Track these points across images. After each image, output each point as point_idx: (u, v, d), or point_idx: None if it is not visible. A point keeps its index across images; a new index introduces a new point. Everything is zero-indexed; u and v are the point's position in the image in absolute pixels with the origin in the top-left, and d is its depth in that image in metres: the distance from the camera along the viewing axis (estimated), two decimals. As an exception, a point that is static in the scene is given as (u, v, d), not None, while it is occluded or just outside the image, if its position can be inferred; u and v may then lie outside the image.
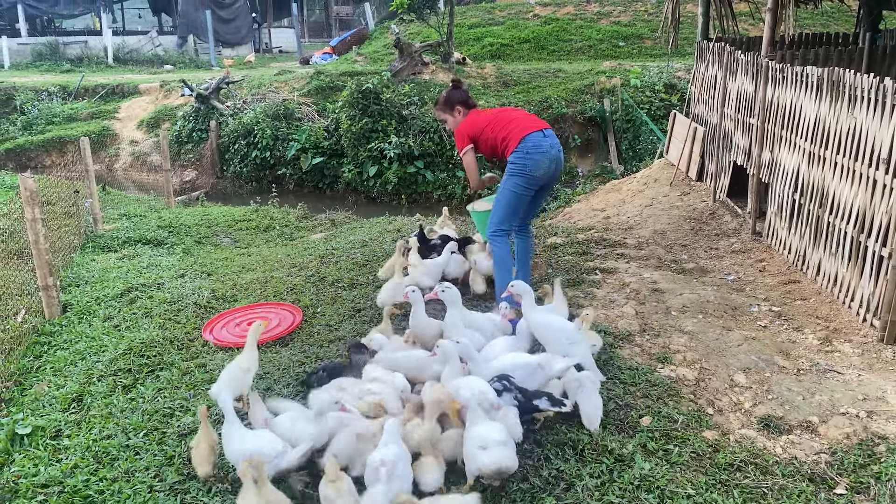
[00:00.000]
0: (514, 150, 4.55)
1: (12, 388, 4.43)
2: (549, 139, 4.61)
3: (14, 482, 3.21)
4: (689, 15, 18.26)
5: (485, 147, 4.77)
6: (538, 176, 4.57)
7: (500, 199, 4.69)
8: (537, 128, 4.60)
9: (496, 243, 4.70)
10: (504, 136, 4.61)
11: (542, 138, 4.57)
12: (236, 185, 15.14)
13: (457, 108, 4.92)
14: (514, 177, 4.57)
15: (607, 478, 3.08)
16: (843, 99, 4.95)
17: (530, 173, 4.54)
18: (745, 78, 6.95)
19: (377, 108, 13.88)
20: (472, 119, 4.82)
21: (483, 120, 4.75)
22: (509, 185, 4.61)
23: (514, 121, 4.66)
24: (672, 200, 8.02)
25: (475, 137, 4.75)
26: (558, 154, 4.64)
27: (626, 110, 14.33)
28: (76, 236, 7.63)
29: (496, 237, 4.69)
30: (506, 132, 4.62)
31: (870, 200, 4.59)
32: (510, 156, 4.57)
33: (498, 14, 24.00)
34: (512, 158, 4.56)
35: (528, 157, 4.52)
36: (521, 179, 4.56)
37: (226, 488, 3.04)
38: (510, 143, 4.57)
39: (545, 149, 4.55)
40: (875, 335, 4.43)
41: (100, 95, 18.97)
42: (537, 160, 4.52)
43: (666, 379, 3.91)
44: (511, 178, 4.59)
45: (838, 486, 3.06)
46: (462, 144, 4.76)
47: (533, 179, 4.57)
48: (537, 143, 4.54)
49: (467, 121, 4.82)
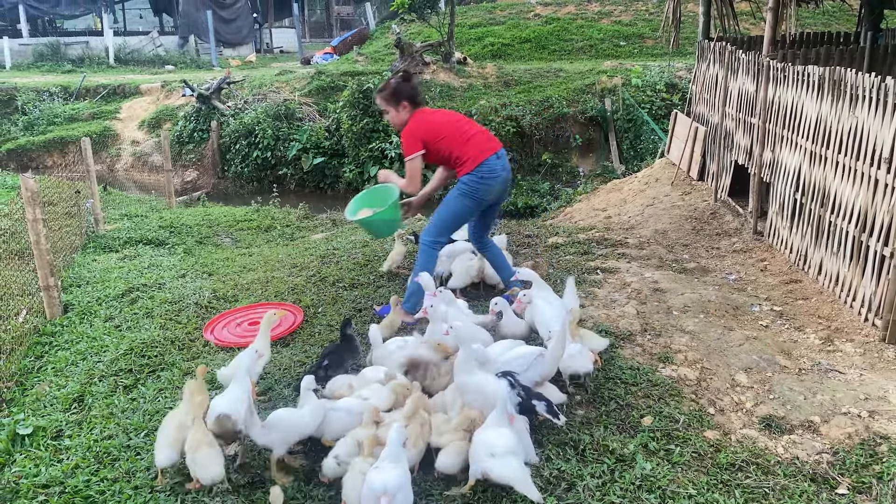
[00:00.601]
0: (468, 172, 4.49)
1: (13, 389, 4.43)
2: (502, 161, 4.60)
3: (15, 482, 3.21)
4: (691, 14, 18.27)
5: (434, 156, 4.62)
6: (488, 199, 4.60)
7: (444, 213, 4.62)
8: (493, 150, 4.56)
9: (427, 254, 4.61)
10: (459, 155, 4.53)
11: (496, 161, 4.55)
12: (237, 186, 15.14)
13: (403, 102, 4.60)
14: (464, 197, 4.54)
15: (608, 478, 3.07)
16: (845, 98, 4.94)
17: (481, 197, 4.55)
18: (747, 77, 6.94)
19: (378, 108, 13.87)
20: (426, 123, 4.59)
21: (439, 127, 4.57)
22: (457, 204, 4.56)
23: (473, 140, 4.56)
24: (673, 200, 8.01)
25: (428, 144, 4.55)
26: (508, 175, 4.66)
27: (628, 110, 14.32)
28: (77, 236, 7.63)
29: (431, 248, 4.62)
30: (461, 150, 4.52)
31: (871, 200, 4.58)
32: (464, 176, 4.51)
33: (499, 14, 24.00)
34: (465, 180, 4.51)
35: (481, 182, 4.50)
36: (470, 201, 4.55)
37: (226, 489, 3.04)
38: (466, 164, 4.50)
39: (498, 173, 4.55)
40: (877, 335, 4.42)
41: (101, 96, 18.98)
42: (489, 185, 4.53)
43: (667, 379, 3.90)
44: (461, 197, 4.54)
45: (840, 486, 3.06)
46: (414, 149, 4.52)
47: (482, 202, 4.61)
48: (492, 168, 4.52)
49: (423, 125, 4.57)
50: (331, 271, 5.88)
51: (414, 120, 4.60)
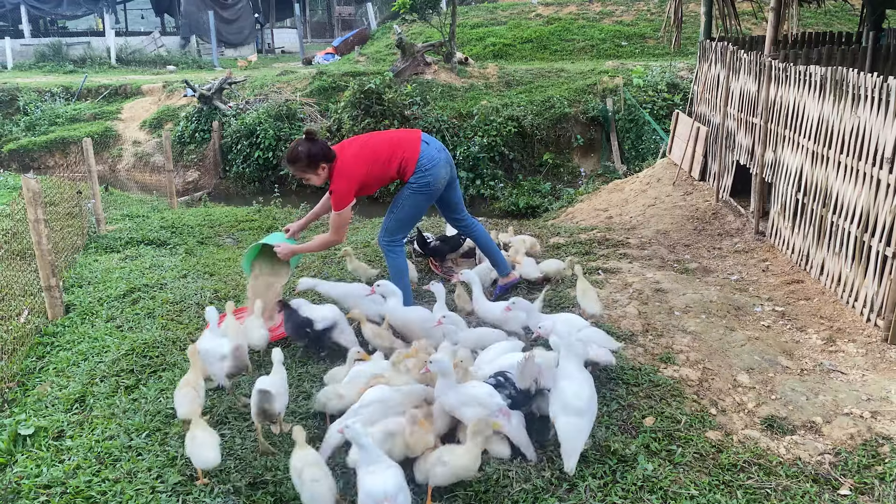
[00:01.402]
0: (413, 174, 4.48)
1: (15, 389, 4.43)
2: (433, 145, 4.59)
3: (17, 483, 3.21)
4: (692, 14, 18.28)
5: (374, 185, 4.53)
6: (440, 187, 4.59)
7: (399, 214, 4.59)
8: (418, 141, 4.53)
9: (394, 253, 4.62)
10: (399, 164, 4.47)
11: (427, 148, 4.53)
12: (239, 186, 15.15)
13: (321, 165, 4.37)
14: (417, 195, 4.53)
15: (610, 478, 3.07)
16: (847, 98, 4.93)
17: (435, 187, 4.55)
18: (748, 77, 6.93)
19: (379, 109, 13.89)
20: (348, 168, 4.39)
21: (361, 162, 4.42)
22: (411, 203, 4.55)
23: (400, 144, 4.51)
24: (675, 200, 8.00)
25: (363, 184, 4.46)
26: (446, 153, 4.64)
27: (629, 110, 14.31)
28: (79, 237, 7.64)
29: (393, 247, 4.62)
30: (398, 160, 4.46)
31: (873, 200, 4.57)
32: (410, 178, 4.49)
33: (500, 14, 24.00)
34: (413, 180, 4.49)
35: (428, 173, 4.48)
36: (424, 196, 4.55)
37: (228, 489, 3.04)
38: (408, 168, 4.47)
39: (436, 157, 4.52)
40: (879, 335, 4.41)
41: (103, 96, 19.00)
42: (437, 173, 4.52)
43: (669, 379, 3.90)
44: (414, 195, 4.53)
45: (842, 486, 3.05)
46: (348, 201, 4.40)
47: (437, 191, 4.60)
48: (430, 156, 4.50)
49: (346, 173, 4.38)
50: (332, 272, 5.87)
51: (338, 173, 4.40)
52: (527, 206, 12.61)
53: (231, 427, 3.53)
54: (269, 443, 3.34)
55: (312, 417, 3.62)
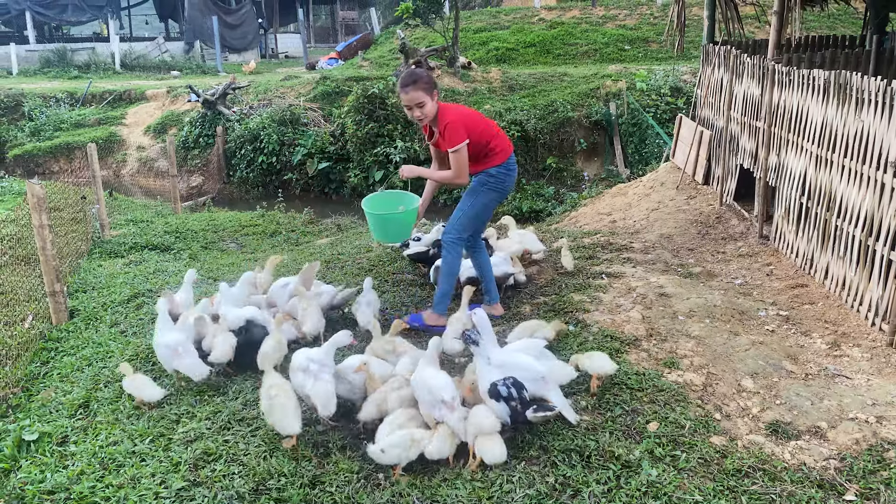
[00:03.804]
0: (498, 165, 4.51)
1: (19, 394, 4.44)
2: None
3: (21, 489, 3.21)
4: (695, 18, 18.27)
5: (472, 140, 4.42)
6: (509, 192, 4.74)
7: (467, 209, 4.61)
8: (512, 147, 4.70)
9: (452, 251, 4.61)
10: (494, 146, 4.51)
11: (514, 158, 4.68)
12: (243, 191, 15.19)
13: (435, 91, 4.36)
14: (491, 191, 4.57)
15: (614, 484, 3.06)
16: (851, 102, 4.92)
17: (506, 189, 4.64)
18: (752, 81, 6.92)
19: (383, 113, 13.91)
20: (461, 114, 4.41)
21: (474, 118, 4.48)
22: (484, 198, 4.58)
23: (501, 134, 4.60)
24: (678, 204, 7.99)
25: (471, 135, 4.39)
26: None
27: (632, 114, 14.31)
28: (83, 242, 7.66)
29: (455, 245, 4.62)
30: (495, 143, 4.52)
31: (878, 204, 4.56)
32: (492, 168, 4.51)
33: (503, 18, 24.03)
34: (494, 172, 4.52)
35: (508, 175, 4.59)
36: (496, 195, 4.62)
37: (231, 495, 3.04)
38: (499, 155, 4.50)
39: (515, 169, 4.67)
40: (884, 339, 4.40)
41: (107, 101, 19.08)
42: (513, 178, 4.66)
43: (673, 384, 3.89)
44: (488, 191, 4.57)
45: (848, 492, 3.04)
46: (462, 138, 4.31)
47: (505, 196, 4.72)
48: (514, 163, 4.67)
49: (459, 113, 4.38)
50: (336, 276, 5.88)
51: (448, 110, 4.40)
52: (530, 210, 12.61)
53: (235, 433, 3.53)
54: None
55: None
